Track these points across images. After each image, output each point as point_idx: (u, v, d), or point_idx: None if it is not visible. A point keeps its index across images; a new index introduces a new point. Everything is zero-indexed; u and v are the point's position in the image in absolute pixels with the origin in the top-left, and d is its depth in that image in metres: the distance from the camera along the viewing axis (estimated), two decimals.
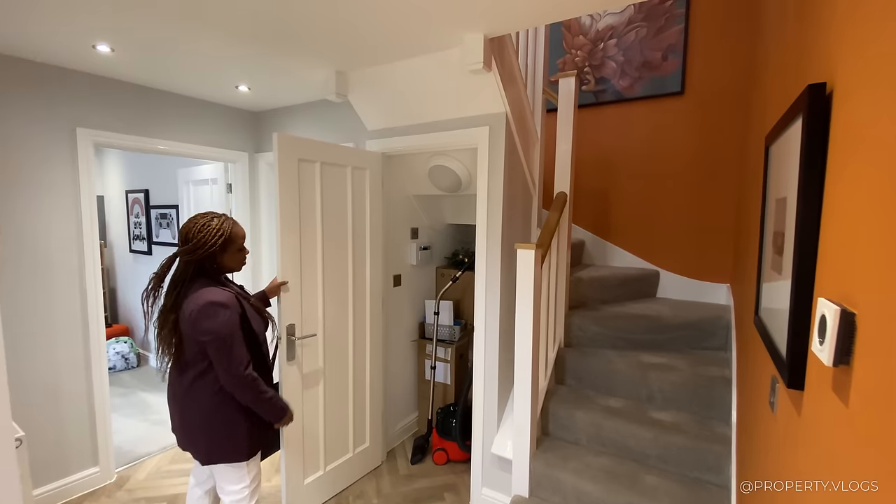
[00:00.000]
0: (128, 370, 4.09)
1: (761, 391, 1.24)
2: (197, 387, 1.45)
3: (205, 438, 1.47)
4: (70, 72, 2.21)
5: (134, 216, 4.22)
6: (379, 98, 2.33)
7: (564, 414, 2.14)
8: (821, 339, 0.63)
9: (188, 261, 1.44)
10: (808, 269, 0.78)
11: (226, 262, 1.50)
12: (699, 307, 2.58)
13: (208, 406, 1.45)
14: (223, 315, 1.38)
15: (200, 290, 1.41)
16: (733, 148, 2.60)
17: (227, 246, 1.48)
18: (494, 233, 2.14)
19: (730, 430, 1.86)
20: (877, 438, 0.51)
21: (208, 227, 1.44)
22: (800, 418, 0.84)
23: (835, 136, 0.74)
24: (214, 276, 1.50)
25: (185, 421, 1.49)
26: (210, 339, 1.37)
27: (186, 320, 1.39)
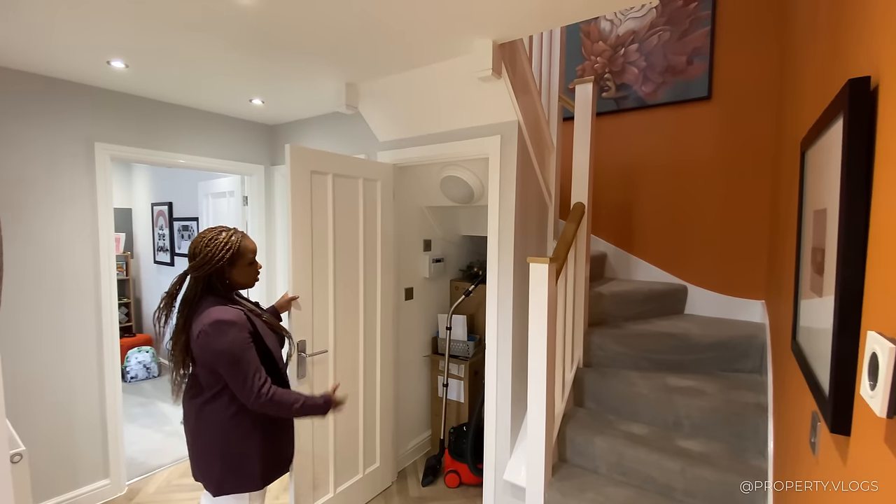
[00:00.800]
0: (149, 379, 4.16)
1: (801, 428, 1.10)
2: (208, 410, 1.38)
3: (217, 469, 1.39)
4: (86, 87, 2.27)
5: (158, 228, 4.32)
6: (389, 109, 2.29)
7: (582, 440, 2.00)
8: (872, 383, 0.52)
9: (197, 277, 1.38)
10: (853, 295, 0.66)
11: (236, 278, 1.44)
12: (731, 325, 2.40)
13: (220, 431, 1.38)
14: (231, 333, 1.31)
15: (208, 308, 1.35)
16: (766, 154, 2.43)
17: (236, 260, 1.42)
18: (506, 245, 2.05)
19: (765, 463, 1.68)
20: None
21: (215, 241, 1.38)
22: (845, 468, 0.71)
23: (882, 136, 0.63)
24: (225, 294, 1.43)
25: (197, 449, 1.42)
26: (220, 360, 1.31)
27: (195, 341, 1.33)
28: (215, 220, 3.38)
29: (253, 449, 1.41)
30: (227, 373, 1.32)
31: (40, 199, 2.12)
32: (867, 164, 0.66)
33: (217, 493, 1.40)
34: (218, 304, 1.36)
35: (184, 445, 2.93)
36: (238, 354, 1.31)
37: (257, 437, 1.41)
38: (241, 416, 1.39)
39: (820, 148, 0.92)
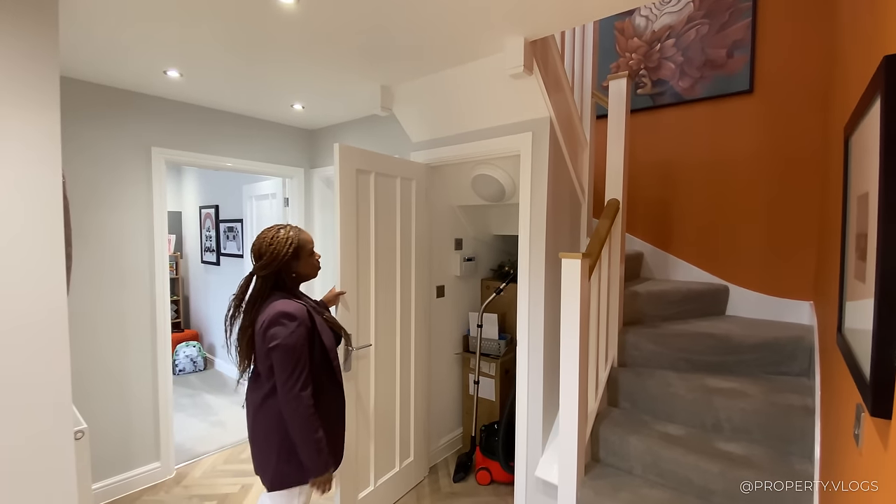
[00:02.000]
0: (196, 373, 4.40)
1: (845, 422, 1.05)
2: (268, 404, 1.44)
3: (273, 462, 1.43)
4: (145, 96, 2.46)
5: (205, 230, 4.58)
6: (422, 109, 2.35)
7: (616, 439, 1.97)
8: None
9: (266, 276, 1.45)
10: (894, 273, 0.64)
11: (301, 270, 1.51)
12: (776, 326, 2.29)
13: (275, 427, 1.42)
14: (291, 326, 1.36)
15: (274, 302, 1.41)
16: (813, 147, 2.31)
17: (299, 253, 1.49)
18: (538, 242, 2.06)
19: (811, 467, 1.60)
20: None
21: (277, 238, 1.45)
22: (886, 453, 0.69)
23: None
24: (291, 290, 1.51)
25: (256, 441, 1.47)
26: (275, 347, 1.35)
27: (258, 333, 1.40)
28: (259, 222, 3.55)
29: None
30: (277, 362, 1.36)
31: (103, 198, 2.31)
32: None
33: (271, 489, 1.45)
34: (283, 298, 1.43)
35: (227, 435, 3.09)
36: (291, 347, 1.35)
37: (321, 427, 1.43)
38: None
39: (862, 131, 0.90)
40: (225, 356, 4.43)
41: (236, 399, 3.73)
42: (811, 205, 2.34)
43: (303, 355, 1.39)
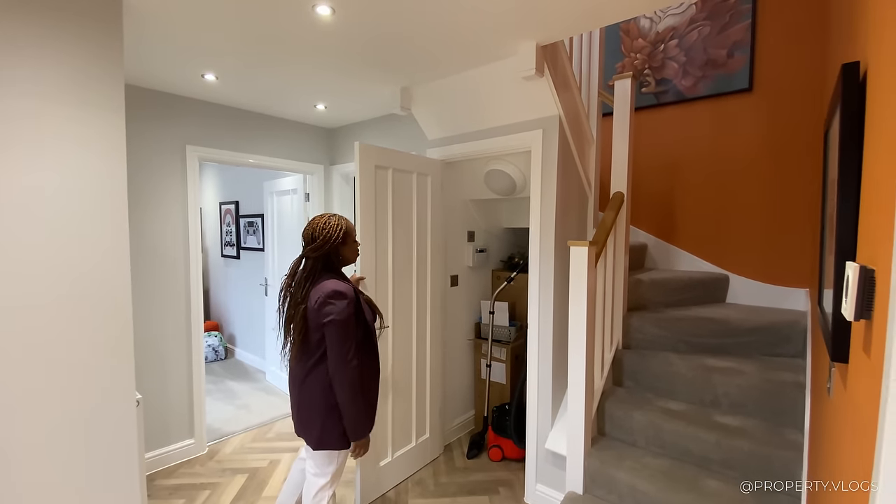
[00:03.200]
0: (217, 361, 4.59)
1: (822, 382, 1.20)
2: (315, 373, 1.61)
3: (318, 425, 1.61)
4: (181, 98, 2.63)
5: (226, 225, 4.76)
6: (438, 109, 2.51)
7: (621, 414, 2.12)
8: (846, 298, 0.66)
9: (316, 257, 1.62)
10: (849, 241, 0.79)
11: (346, 254, 1.69)
12: (773, 312, 2.42)
13: (321, 396, 1.60)
14: (343, 303, 1.55)
15: (325, 281, 1.59)
16: (808, 143, 2.44)
17: (347, 238, 1.66)
18: (548, 233, 2.21)
19: (802, 437, 1.74)
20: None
21: (329, 223, 1.64)
22: (845, 392, 0.84)
23: (870, 114, 0.76)
24: (337, 270, 1.69)
25: (303, 406, 1.64)
26: (329, 322, 1.53)
27: (312, 308, 1.56)
28: (280, 217, 3.72)
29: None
30: (332, 336, 1.54)
31: (142, 193, 2.49)
32: (859, 133, 0.79)
33: (316, 448, 1.63)
34: (334, 279, 1.61)
35: (253, 416, 3.27)
36: (344, 322, 1.54)
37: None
38: None
39: (833, 126, 1.04)
40: (245, 345, 4.62)
41: (258, 385, 3.92)
42: (807, 197, 2.47)
43: (352, 329, 1.57)
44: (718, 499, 1.68)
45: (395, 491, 2.36)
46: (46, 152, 1.38)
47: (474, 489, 2.39)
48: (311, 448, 1.64)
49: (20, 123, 1.32)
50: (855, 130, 0.79)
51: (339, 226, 1.64)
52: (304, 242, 1.64)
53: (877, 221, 0.63)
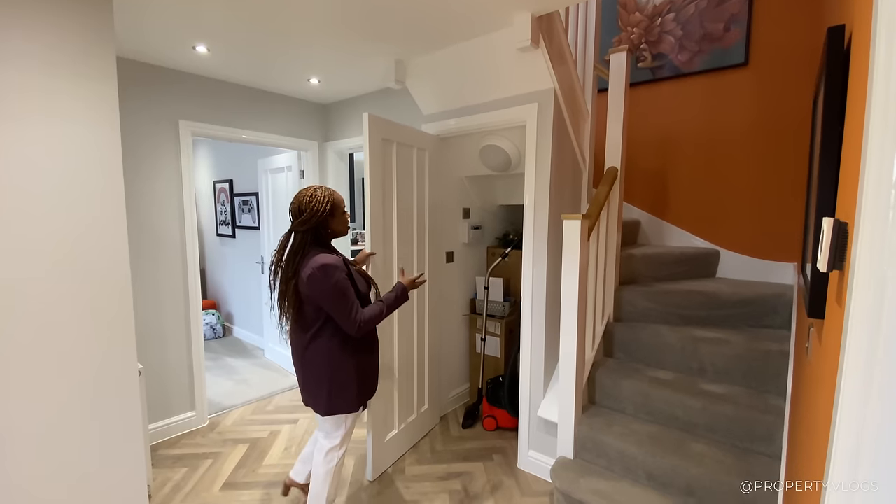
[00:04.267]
0: (215, 339, 4.64)
1: (803, 344, 1.25)
2: (314, 346, 1.64)
3: (325, 393, 1.65)
4: (173, 71, 2.59)
5: (220, 204, 4.75)
6: (433, 82, 2.49)
7: (611, 384, 2.18)
8: (821, 251, 0.69)
9: (305, 231, 1.61)
10: (827, 199, 0.82)
11: (335, 227, 1.68)
12: (761, 285, 2.48)
13: (324, 363, 1.64)
14: (336, 275, 1.55)
15: (315, 255, 1.59)
16: (802, 117, 2.45)
17: (335, 210, 1.65)
18: (542, 208, 2.23)
19: (784, 402, 1.81)
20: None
21: (315, 195, 1.62)
22: (821, 347, 0.88)
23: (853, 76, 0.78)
24: (326, 244, 1.69)
25: (307, 377, 1.68)
26: (327, 297, 1.55)
27: (304, 283, 1.57)
28: (274, 195, 3.71)
29: (351, 375, 1.66)
30: (334, 306, 1.56)
31: (137, 169, 2.47)
32: (842, 94, 0.81)
33: (326, 414, 1.68)
34: (322, 252, 1.61)
35: (252, 390, 3.34)
36: (342, 291, 1.56)
37: (353, 364, 1.66)
38: (342, 347, 1.64)
39: (821, 92, 1.06)
40: (243, 323, 4.66)
41: (257, 362, 3.97)
42: (797, 172, 2.49)
43: (351, 294, 1.58)
44: (702, 459, 1.76)
45: (400, 460, 2.43)
46: (39, 125, 1.37)
47: (469, 456, 2.47)
48: (320, 415, 1.70)
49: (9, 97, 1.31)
50: (837, 92, 0.81)
51: (326, 198, 1.62)
52: (292, 216, 1.64)
53: (852, 178, 0.66)
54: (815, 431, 0.85)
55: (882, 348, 0.47)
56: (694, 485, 1.72)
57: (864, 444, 0.49)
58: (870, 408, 0.48)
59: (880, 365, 0.47)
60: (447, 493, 2.15)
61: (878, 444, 0.47)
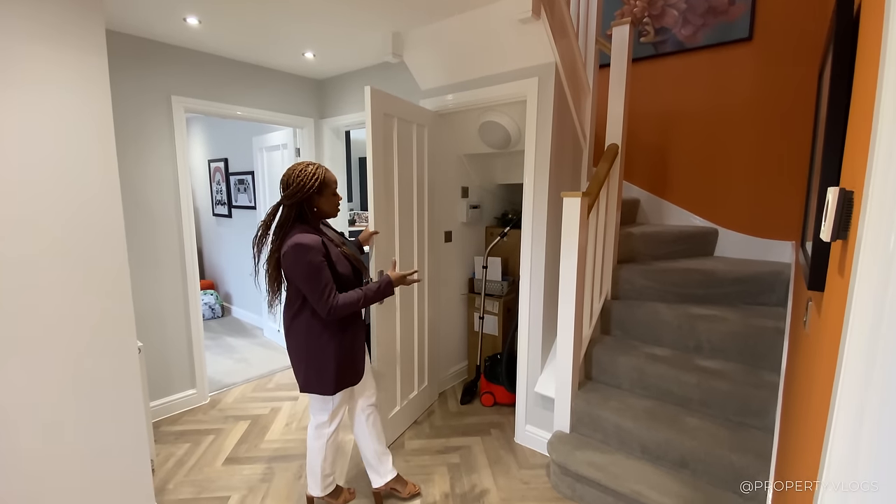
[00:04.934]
0: (214, 319, 4.65)
1: (800, 319, 1.25)
2: (294, 325, 1.65)
3: (303, 370, 1.66)
4: (164, 45, 2.52)
5: (215, 183, 4.69)
6: (432, 56, 2.43)
7: (607, 360, 2.21)
8: (825, 221, 0.68)
9: (290, 205, 1.57)
10: (833, 169, 0.81)
11: (322, 206, 1.63)
12: (758, 264, 2.49)
13: (303, 343, 1.64)
14: (309, 255, 1.51)
15: (295, 233, 1.56)
16: (806, 94, 2.42)
17: (323, 189, 1.61)
18: (541, 185, 2.21)
19: (778, 378, 1.84)
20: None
21: (305, 171, 1.58)
22: (820, 319, 0.88)
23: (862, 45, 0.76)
24: (312, 223, 1.64)
25: (290, 351, 1.69)
26: (299, 277, 1.53)
27: (282, 260, 1.56)
28: (270, 173, 3.67)
29: (329, 358, 1.64)
30: (305, 287, 1.54)
31: (130, 146, 2.43)
32: (850, 63, 0.79)
33: (303, 390, 1.69)
34: (302, 231, 1.57)
35: (252, 369, 3.37)
36: (314, 272, 1.52)
37: (333, 347, 1.64)
38: (321, 328, 1.62)
39: (827, 66, 1.04)
40: (242, 303, 4.67)
41: (256, 341, 4.00)
42: (802, 150, 2.47)
43: (324, 276, 1.54)
44: (696, 433, 1.79)
45: (400, 436, 2.47)
46: (28, 95, 1.34)
47: (468, 431, 2.51)
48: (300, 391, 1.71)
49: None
50: (846, 62, 0.79)
51: (316, 175, 1.58)
52: (281, 188, 1.60)
53: (859, 148, 0.64)
54: (812, 402, 0.86)
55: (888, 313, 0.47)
56: (687, 457, 1.76)
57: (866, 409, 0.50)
58: (875, 372, 0.48)
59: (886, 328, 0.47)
60: (446, 466, 2.19)
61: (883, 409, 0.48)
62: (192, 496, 1.98)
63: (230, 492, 2.00)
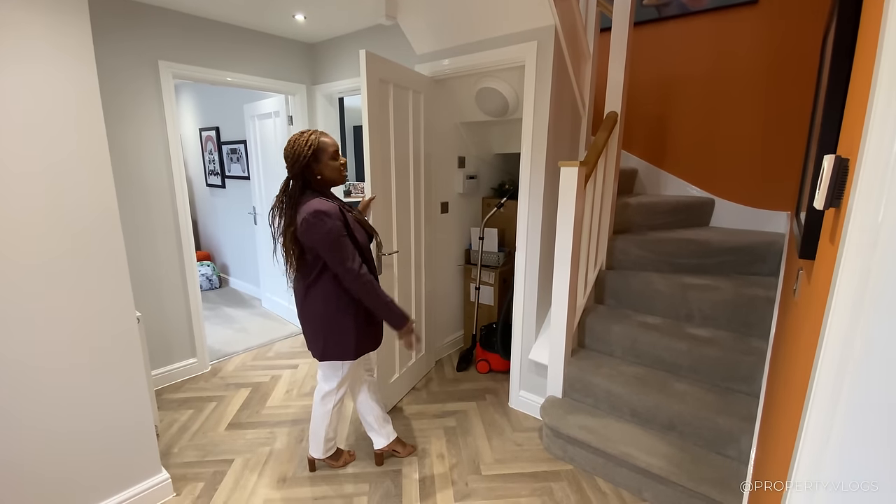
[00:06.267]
0: (212, 290, 4.67)
1: (791, 287, 1.27)
2: (312, 294, 1.65)
3: (322, 338, 1.68)
4: (149, 6, 2.42)
5: (208, 152, 4.61)
6: (427, 18, 2.35)
7: (600, 328, 2.25)
8: (819, 188, 0.69)
9: (295, 176, 1.59)
10: (831, 136, 0.80)
11: (323, 172, 1.61)
12: (753, 234, 2.50)
13: (322, 310, 1.65)
14: (329, 222, 1.52)
15: (309, 201, 1.56)
16: (810, 61, 2.37)
17: (319, 155, 1.59)
18: (539, 152, 2.18)
19: (766, 345, 1.89)
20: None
21: (298, 141, 1.57)
22: (809, 286, 0.90)
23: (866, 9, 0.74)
24: (321, 191, 1.64)
25: (306, 320, 1.70)
26: (322, 244, 1.53)
27: (299, 230, 1.55)
28: (263, 142, 3.60)
29: (349, 324, 1.66)
30: (329, 254, 1.54)
31: (119, 114, 2.37)
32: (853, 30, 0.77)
33: (321, 359, 1.72)
34: (316, 198, 1.57)
35: (251, 338, 3.41)
36: (336, 238, 1.53)
37: (352, 313, 1.66)
38: (340, 295, 1.64)
39: (832, 29, 1.01)
40: (239, 274, 4.68)
41: (255, 311, 4.03)
42: (803, 119, 2.44)
43: (347, 242, 1.56)
44: (684, 397, 1.85)
45: (399, 401, 2.54)
46: (6, 61, 1.29)
47: (463, 396, 2.58)
48: (317, 360, 1.74)
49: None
50: (849, 27, 0.77)
51: (308, 142, 1.56)
52: (285, 160, 1.60)
53: (858, 116, 0.64)
54: (798, 365, 0.89)
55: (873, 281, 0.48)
56: (675, 420, 1.83)
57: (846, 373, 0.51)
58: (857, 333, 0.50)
59: (870, 297, 0.48)
60: (443, 429, 2.27)
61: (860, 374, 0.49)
62: (197, 459, 2.04)
63: (234, 455, 2.07)
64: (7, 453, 1.41)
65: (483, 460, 2.04)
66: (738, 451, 1.69)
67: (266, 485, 1.89)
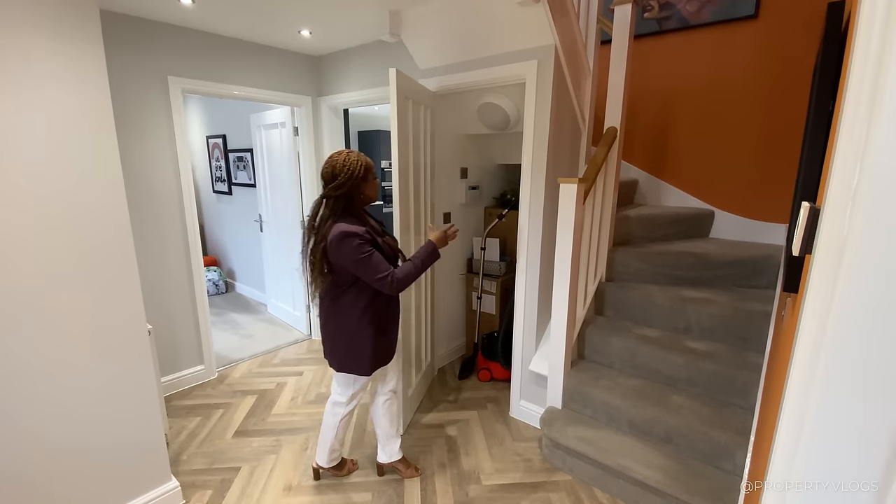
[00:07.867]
0: (219, 295, 4.74)
1: (781, 310, 1.31)
2: (338, 306, 1.70)
3: (341, 350, 1.74)
4: (158, 24, 2.48)
5: (214, 160, 4.68)
6: (430, 35, 2.39)
7: (599, 340, 2.29)
8: (796, 234, 0.72)
9: (338, 196, 1.61)
10: (811, 182, 0.84)
11: (368, 191, 1.68)
12: (751, 247, 2.53)
13: (345, 323, 1.71)
14: (356, 240, 1.56)
15: (338, 223, 1.59)
16: (805, 76, 2.39)
17: (367, 174, 1.65)
18: (539, 167, 2.22)
19: (762, 359, 1.91)
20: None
21: (349, 159, 1.61)
22: (791, 317, 0.93)
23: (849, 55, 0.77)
24: (358, 212, 1.68)
25: (330, 331, 1.75)
26: (350, 261, 1.57)
27: (329, 248, 1.60)
28: (269, 151, 3.66)
29: (368, 341, 1.72)
30: (361, 270, 1.58)
31: (130, 128, 2.43)
32: (836, 74, 0.81)
33: (339, 370, 1.78)
34: (347, 220, 1.61)
35: (257, 344, 3.47)
36: (366, 257, 1.57)
37: (371, 332, 1.72)
38: (364, 311, 1.69)
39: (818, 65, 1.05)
40: (245, 279, 4.75)
41: (261, 317, 4.10)
42: (797, 132, 2.46)
43: (376, 257, 1.59)
44: (681, 410, 1.89)
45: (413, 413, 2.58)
46: (22, 89, 1.35)
47: (465, 405, 2.63)
48: (335, 371, 1.80)
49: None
50: (831, 69, 0.81)
51: (360, 161, 1.62)
52: (324, 181, 1.63)
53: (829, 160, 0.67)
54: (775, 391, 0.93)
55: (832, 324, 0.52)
56: (672, 433, 1.86)
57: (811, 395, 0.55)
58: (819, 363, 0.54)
59: (826, 350, 0.52)
60: (444, 438, 2.31)
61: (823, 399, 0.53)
62: (206, 467, 2.10)
63: (240, 462, 2.13)
64: (19, 462, 1.47)
65: (483, 470, 2.08)
66: (733, 465, 1.73)
67: (272, 493, 1.94)
